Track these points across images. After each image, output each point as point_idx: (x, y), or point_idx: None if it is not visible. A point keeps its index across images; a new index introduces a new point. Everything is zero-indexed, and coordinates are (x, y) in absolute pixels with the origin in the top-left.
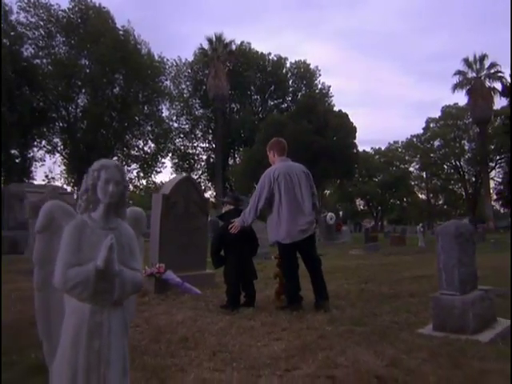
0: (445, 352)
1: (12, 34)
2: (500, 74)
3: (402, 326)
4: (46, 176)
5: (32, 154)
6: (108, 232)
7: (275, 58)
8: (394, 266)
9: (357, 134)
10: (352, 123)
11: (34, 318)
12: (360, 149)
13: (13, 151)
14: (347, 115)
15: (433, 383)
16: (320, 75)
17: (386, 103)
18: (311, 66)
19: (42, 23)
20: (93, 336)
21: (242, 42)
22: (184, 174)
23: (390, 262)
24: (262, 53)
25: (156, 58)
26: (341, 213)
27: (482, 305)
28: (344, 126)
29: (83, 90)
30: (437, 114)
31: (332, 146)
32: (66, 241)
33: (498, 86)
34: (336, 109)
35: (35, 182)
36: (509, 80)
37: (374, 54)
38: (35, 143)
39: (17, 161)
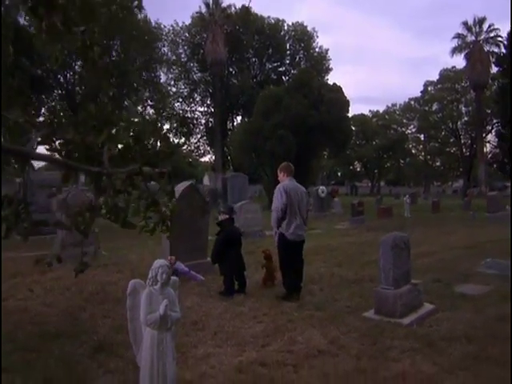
0: (371, 332)
1: (8, 2)
2: (499, 39)
3: (352, 310)
4: None
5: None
6: (164, 296)
7: (273, 21)
8: (369, 246)
9: (350, 106)
10: (346, 97)
11: (83, 305)
12: (355, 108)
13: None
14: (341, 89)
15: (352, 355)
16: (317, 37)
17: (382, 60)
18: (308, 28)
19: None
20: (159, 344)
21: (241, 6)
22: (189, 182)
23: (367, 240)
24: (260, 15)
25: (153, 23)
26: (339, 174)
27: (409, 296)
28: (338, 101)
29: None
30: (433, 72)
31: (327, 119)
32: (143, 300)
33: (497, 49)
34: (330, 82)
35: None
36: (503, 49)
37: (369, 9)
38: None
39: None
